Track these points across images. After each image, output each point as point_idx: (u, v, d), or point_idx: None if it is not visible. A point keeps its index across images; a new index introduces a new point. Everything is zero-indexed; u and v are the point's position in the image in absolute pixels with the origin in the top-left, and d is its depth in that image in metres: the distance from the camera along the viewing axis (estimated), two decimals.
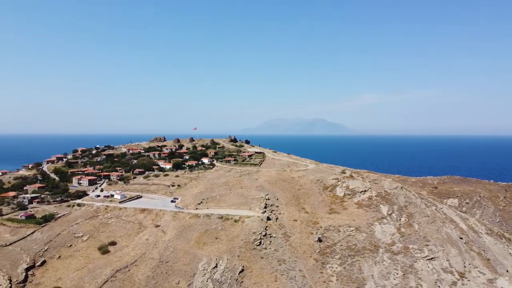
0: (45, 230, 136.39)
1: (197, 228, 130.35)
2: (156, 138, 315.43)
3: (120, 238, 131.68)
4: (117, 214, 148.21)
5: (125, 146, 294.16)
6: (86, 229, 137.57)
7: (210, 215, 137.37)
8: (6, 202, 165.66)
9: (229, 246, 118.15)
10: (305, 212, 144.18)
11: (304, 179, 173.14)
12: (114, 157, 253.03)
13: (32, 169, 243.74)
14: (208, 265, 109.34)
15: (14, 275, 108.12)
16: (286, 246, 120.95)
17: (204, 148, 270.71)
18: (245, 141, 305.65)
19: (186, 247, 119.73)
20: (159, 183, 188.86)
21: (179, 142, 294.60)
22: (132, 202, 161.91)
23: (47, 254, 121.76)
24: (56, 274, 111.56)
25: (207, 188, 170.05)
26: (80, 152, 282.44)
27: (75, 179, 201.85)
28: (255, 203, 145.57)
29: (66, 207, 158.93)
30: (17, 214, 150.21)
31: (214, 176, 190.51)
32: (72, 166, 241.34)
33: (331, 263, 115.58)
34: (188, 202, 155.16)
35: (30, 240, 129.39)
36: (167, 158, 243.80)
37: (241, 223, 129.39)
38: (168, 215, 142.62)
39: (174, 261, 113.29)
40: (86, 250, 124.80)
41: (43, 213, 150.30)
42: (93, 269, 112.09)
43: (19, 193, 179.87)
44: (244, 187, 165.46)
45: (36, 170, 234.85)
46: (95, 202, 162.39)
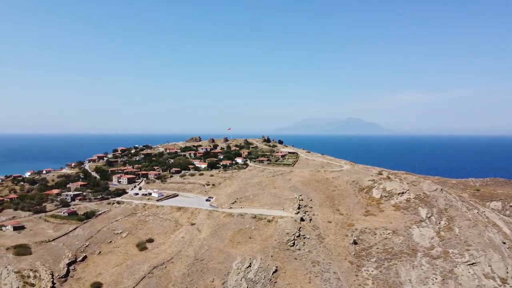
0: (87, 226, 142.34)
1: (231, 227, 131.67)
2: (192, 138, 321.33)
3: (157, 236, 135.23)
4: (154, 212, 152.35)
5: (162, 146, 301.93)
6: (125, 226, 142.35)
7: (243, 214, 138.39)
8: (50, 199, 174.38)
9: (263, 246, 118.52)
10: (340, 213, 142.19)
11: (339, 180, 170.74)
12: (152, 157, 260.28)
13: (75, 167, 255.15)
14: (242, 264, 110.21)
15: (56, 269, 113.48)
16: (320, 248, 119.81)
17: (238, 148, 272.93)
18: (278, 141, 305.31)
19: (220, 246, 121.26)
20: (194, 182, 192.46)
21: (213, 142, 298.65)
22: (168, 201, 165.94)
23: (88, 250, 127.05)
24: (96, 270, 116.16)
25: (241, 187, 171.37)
26: (120, 151, 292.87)
27: (115, 178, 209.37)
28: (288, 204, 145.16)
29: (106, 204, 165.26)
30: (60, 211, 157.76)
31: (247, 175, 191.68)
32: (112, 165, 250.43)
33: (367, 266, 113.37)
34: (222, 201, 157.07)
35: (72, 236, 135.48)
36: (202, 157, 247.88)
37: (274, 223, 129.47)
38: (203, 214, 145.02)
39: (209, 259, 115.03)
40: (125, 247, 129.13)
41: (85, 210, 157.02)
42: (132, 265, 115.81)
43: (62, 191, 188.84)
44: (277, 187, 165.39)
45: (78, 169, 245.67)
46: (134, 200, 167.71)
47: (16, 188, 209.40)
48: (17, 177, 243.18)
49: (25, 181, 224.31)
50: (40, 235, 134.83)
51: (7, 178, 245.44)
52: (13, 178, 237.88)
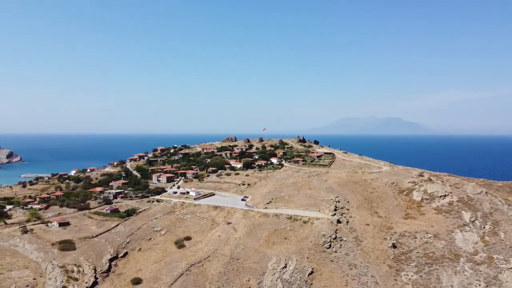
0: (128, 223, 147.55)
1: (267, 227, 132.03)
2: (228, 138, 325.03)
3: (195, 234, 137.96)
4: (192, 210, 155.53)
5: (199, 146, 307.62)
6: (164, 224, 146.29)
7: (279, 215, 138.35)
8: (94, 197, 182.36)
9: (298, 247, 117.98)
10: (378, 216, 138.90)
11: (378, 182, 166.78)
12: (189, 156, 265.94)
13: (117, 166, 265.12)
14: (277, 265, 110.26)
15: (99, 265, 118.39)
16: (358, 251, 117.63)
17: (273, 148, 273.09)
18: (314, 142, 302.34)
19: (256, 246, 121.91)
20: (230, 181, 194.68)
21: (249, 142, 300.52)
22: (205, 199, 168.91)
23: (129, 246, 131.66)
24: (137, 266, 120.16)
25: (276, 188, 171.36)
26: (160, 151, 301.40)
27: (154, 176, 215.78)
28: (324, 205, 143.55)
29: (146, 202, 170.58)
30: (103, 208, 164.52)
31: (282, 176, 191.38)
32: (152, 164, 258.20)
33: (406, 270, 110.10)
34: (257, 201, 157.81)
35: (114, 232, 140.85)
36: (238, 157, 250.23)
37: (310, 225, 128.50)
38: (238, 213, 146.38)
39: (245, 259, 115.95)
40: (163, 244, 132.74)
41: (126, 207, 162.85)
42: (170, 262, 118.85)
43: (105, 189, 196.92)
44: (313, 188, 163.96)
45: (120, 168, 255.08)
46: (172, 198, 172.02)
47: (62, 186, 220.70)
48: (63, 175, 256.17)
49: (70, 179, 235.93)
50: (84, 231, 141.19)
51: (54, 176, 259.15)
52: (59, 176, 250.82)
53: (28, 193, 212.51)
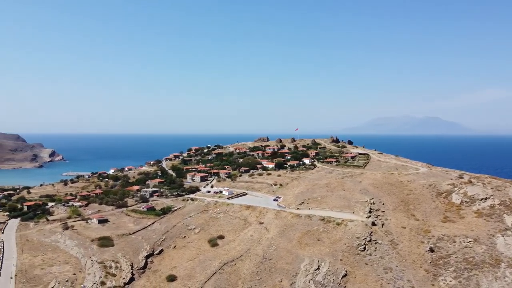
0: (163, 221, 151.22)
1: (299, 228, 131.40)
2: (260, 138, 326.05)
3: (228, 233, 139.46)
4: (225, 210, 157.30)
5: (232, 146, 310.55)
6: (198, 222, 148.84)
7: (311, 216, 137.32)
8: (131, 195, 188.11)
9: (331, 249, 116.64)
10: (415, 219, 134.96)
11: (415, 184, 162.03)
12: (222, 156, 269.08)
13: (153, 165, 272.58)
14: (310, 266, 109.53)
15: (136, 261, 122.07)
16: (393, 254, 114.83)
17: (305, 148, 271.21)
18: (347, 142, 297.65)
19: (288, 246, 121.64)
20: (262, 181, 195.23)
21: (281, 142, 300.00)
22: (238, 199, 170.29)
23: (164, 244, 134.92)
24: (171, 263, 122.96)
25: (308, 188, 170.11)
26: (194, 150, 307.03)
27: (189, 176, 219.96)
28: (359, 207, 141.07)
29: (181, 201, 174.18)
30: (140, 206, 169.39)
31: (315, 176, 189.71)
32: (187, 163, 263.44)
33: (444, 275, 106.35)
34: (289, 201, 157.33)
35: (150, 230, 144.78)
36: (270, 157, 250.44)
37: (343, 227, 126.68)
38: (271, 213, 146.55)
39: (277, 259, 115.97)
40: (197, 242, 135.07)
41: (162, 205, 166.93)
42: (204, 260, 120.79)
43: (142, 187, 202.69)
44: (347, 190, 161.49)
45: (156, 167, 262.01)
46: (206, 197, 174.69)
47: (101, 184, 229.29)
48: (102, 173, 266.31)
49: (109, 178, 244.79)
50: (122, 228, 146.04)
51: (93, 175, 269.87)
52: (99, 175, 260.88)
53: (69, 191, 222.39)
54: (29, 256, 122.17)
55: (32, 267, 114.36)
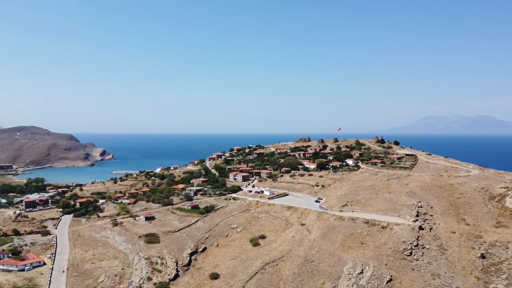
0: (207, 219, 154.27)
1: (342, 231, 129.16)
2: (301, 139, 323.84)
3: (269, 233, 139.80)
4: (266, 210, 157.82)
5: (273, 146, 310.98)
6: (240, 221, 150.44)
7: (355, 218, 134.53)
8: (176, 193, 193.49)
9: (376, 253, 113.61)
10: (466, 224, 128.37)
11: (465, 187, 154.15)
12: (264, 156, 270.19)
13: (197, 165, 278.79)
14: (353, 270, 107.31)
15: (180, 258, 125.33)
16: (442, 260, 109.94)
17: (349, 149, 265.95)
18: (393, 142, 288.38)
19: (330, 249, 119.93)
20: (304, 182, 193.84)
21: (323, 143, 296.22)
22: (279, 199, 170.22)
23: (208, 242, 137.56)
24: (214, 261, 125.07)
25: (352, 190, 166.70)
26: (236, 150, 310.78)
27: (231, 175, 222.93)
28: (405, 210, 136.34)
29: (223, 200, 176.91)
30: (185, 204, 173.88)
31: (359, 178, 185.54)
32: (229, 163, 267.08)
33: (496, 283, 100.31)
34: (332, 203, 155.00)
35: (194, 227, 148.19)
36: (312, 158, 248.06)
37: (389, 230, 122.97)
38: (312, 215, 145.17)
39: (319, 261, 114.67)
40: (239, 241, 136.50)
41: (205, 204, 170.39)
42: (245, 259, 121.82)
43: (187, 186, 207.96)
44: (393, 192, 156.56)
45: (200, 166, 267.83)
46: (248, 197, 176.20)
47: (148, 182, 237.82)
48: (149, 172, 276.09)
49: (155, 176, 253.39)
50: (167, 225, 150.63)
51: (141, 173, 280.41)
52: (146, 173, 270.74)
53: (118, 189, 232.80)
54: (80, 251, 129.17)
55: (83, 262, 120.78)
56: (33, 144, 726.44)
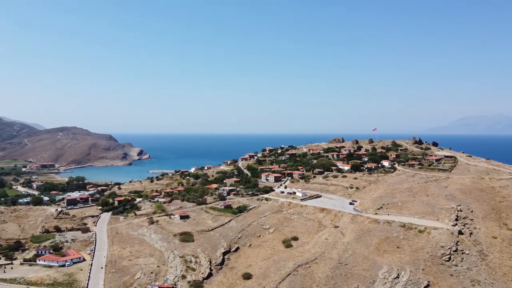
0: (239, 219, 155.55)
1: (377, 234, 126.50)
2: (335, 139, 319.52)
3: (301, 234, 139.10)
4: (298, 211, 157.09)
5: (306, 146, 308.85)
6: (272, 222, 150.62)
7: (390, 222, 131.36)
8: (210, 193, 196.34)
9: (412, 258, 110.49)
10: (508, 228, 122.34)
11: (508, 190, 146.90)
12: (296, 157, 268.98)
13: (230, 165, 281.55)
14: (388, 274, 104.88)
15: (214, 257, 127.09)
16: (482, 266, 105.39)
17: (384, 150, 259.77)
18: (432, 143, 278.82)
19: (365, 252, 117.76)
20: (337, 184, 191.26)
21: (357, 144, 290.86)
22: (312, 201, 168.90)
23: (240, 242, 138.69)
24: (247, 261, 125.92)
25: (387, 193, 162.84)
26: (268, 151, 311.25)
27: (263, 176, 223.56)
28: (444, 214, 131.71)
29: (256, 200, 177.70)
30: (218, 203, 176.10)
31: (395, 180, 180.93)
32: (261, 163, 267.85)
33: None
34: (367, 205, 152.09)
35: (227, 227, 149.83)
36: (345, 159, 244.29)
37: (426, 235, 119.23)
38: (346, 217, 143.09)
39: (353, 265, 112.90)
40: (272, 242, 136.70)
41: (238, 204, 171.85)
42: (278, 260, 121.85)
43: (220, 186, 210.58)
44: (431, 195, 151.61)
45: (233, 166, 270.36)
46: (280, 197, 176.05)
47: (183, 182, 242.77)
48: (184, 172, 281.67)
49: (190, 176, 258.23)
50: (201, 224, 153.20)
51: (176, 173, 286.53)
52: (181, 173, 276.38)
53: (154, 188, 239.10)
54: (118, 248, 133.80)
55: (121, 258, 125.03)
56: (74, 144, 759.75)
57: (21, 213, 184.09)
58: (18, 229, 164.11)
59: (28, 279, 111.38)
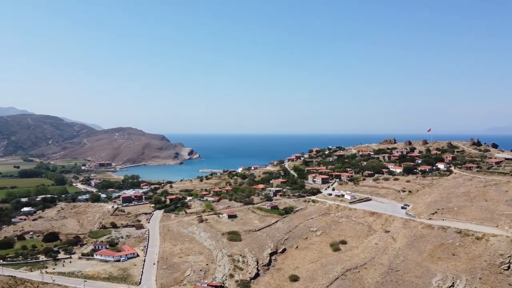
0: (286, 221, 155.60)
1: (431, 240, 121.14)
2: (386, 140, 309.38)
3: (350, 238, 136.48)
4: (347, 214, 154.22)
5: (354, 148, 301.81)
6: (319, 225, 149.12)
7: (445, 227, 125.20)
8: (257, 193, 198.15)
9: (469, 266, 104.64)
10: None
11: None
12: (344, 158, 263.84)
13: (276, 165, 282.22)
14: (443, 282, 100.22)
15: (260, 257, 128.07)
16: None
17: (439, 151, 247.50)
18: (491, 145, 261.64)
19: (418, 259, 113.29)
20: (388, 187, 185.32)
21: (410, 145, 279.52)
22: (361, 204, 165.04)
23: (287, 243, 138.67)
24: (294, 263, 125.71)
25: (443, 197, 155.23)
26: (315, 152, 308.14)
27: (310, 177, 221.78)
28: (504, 220, 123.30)
29: (302, 202, 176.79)
30: (264, 204, 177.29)
31: (451, 184, 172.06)
32: (308, 164, 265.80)
33: None
34: (420, 210, 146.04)
35: (274, 228, 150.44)
36: (397, 161, 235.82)
37: (484, 242, 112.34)
38: (398, 222, 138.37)
39: (405, 271, 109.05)
40: (319, 245, 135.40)
41: (284, 205, 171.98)
42: (325, 264, 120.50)
43: (266, 186, 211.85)
44: (490, 200, 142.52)
45: (279, 167, 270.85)
46: (327, 200, 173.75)
47: (231, 181, 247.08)
48: (232, 171, 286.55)
49: (237, 176, 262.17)
50: (248, 224, 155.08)
51: (225, 172, 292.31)
52: (229, 173, 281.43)
53: (204, 187, 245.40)
54: (169, 245, 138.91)
55: (172, 255, 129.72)
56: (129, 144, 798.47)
57: (80, 210, 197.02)
58: (77, 224, 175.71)
59: (86, 273, 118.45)
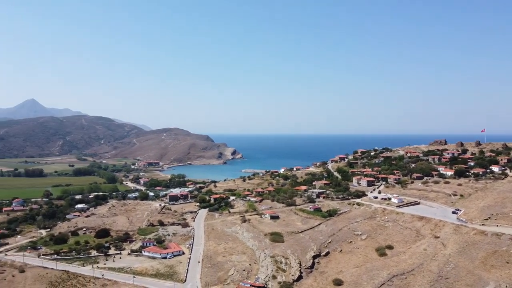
0: (329, 223, 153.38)
1: (484, 247, 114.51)
2: (436, 141, 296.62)
3: (397, 243, 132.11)
4: (393, 218, 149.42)
5: (402, 149, 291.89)
6: (364, 229, 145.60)
7: (500, 234, 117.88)
8: (299, 194, 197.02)
9: None
10: None
11: None
12: (391, 160, 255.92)
13: (319, 167, 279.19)
14: None
15: (303, 260, 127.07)
16: None
17: (494, 153, 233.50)
18: None
19: (469, 266, 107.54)
20: (438, 190, 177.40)
21: (462, 146, 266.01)
22: (409, 208, 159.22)
23: (331, 246, 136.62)
24: (338, 267, 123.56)
25: (497, 202, 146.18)
26: (360, 153, 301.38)
27: (355, 179, 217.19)
28: None
29: (347, 204, 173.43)
30: (307, 206, 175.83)
31: (506, 188, 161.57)
32: (352, 166, 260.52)
33: None
34: (472, 215, 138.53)
35: (317, 230, 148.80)
36: (448, 163, 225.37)
37: None
38: (448, 227, 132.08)
39: (455, 279, 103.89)
40: (364, 249, 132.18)
41: (328, 207, 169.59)
42: (371, 269, 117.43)
43: (309, 187, 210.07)
44: None
45: (322, 168, 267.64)
46: (373, 203, 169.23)
47: (273, 182, 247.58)
48: (274, 172, 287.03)
49: (280, 176, 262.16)
50: (291, 226, 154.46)
51: (267, 173, 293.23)
52: (271, 173, 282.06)
53: (246, 187, 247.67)
54: (213, 243, 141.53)
55: (216, 254, 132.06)
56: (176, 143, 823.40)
57: (129, 207, 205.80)
58: (127, 221, 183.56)
59: (134, 269, 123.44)
